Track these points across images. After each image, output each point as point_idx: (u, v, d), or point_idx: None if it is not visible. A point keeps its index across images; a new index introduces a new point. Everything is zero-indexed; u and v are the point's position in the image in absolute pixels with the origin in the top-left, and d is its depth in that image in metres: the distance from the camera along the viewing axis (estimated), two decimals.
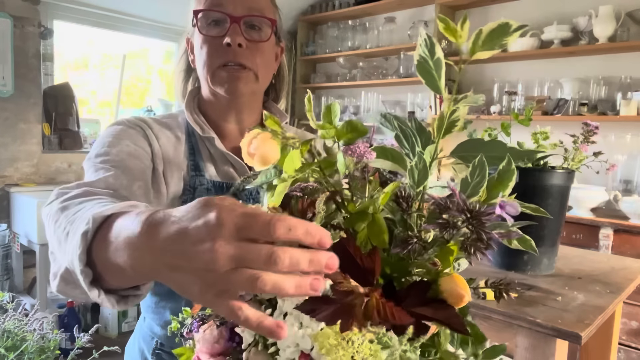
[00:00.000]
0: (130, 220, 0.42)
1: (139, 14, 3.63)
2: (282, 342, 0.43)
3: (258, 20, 0.82)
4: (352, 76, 3.97)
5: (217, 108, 0.88)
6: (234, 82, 0.81)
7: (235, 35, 0.79)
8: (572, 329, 0.93)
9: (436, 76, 0.46)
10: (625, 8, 2.66)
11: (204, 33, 0.81)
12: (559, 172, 1.28)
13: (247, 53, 0.80)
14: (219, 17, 0.80)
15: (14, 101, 2.89)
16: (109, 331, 2.89)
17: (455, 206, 0.42)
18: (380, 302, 0.41)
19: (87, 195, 0.61)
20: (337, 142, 0.49)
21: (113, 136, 0.77)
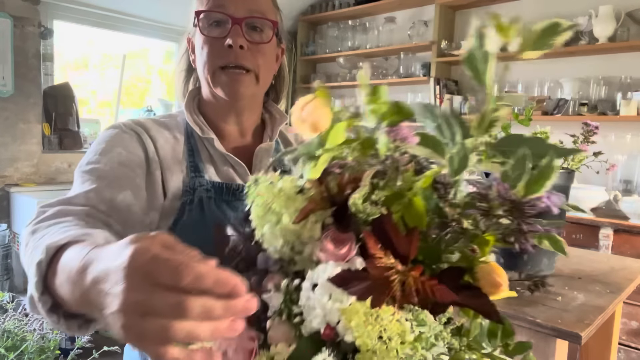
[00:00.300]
0: (75, 254, 0.43)
1: (139, 14, 3.63)
2: (309, 312, 0.43)
3: (259, 22, 0.82)
4: (352, 76, 3.97)
5: (217, 109, 0.87)
6: (235, 84, 0.81)
7: (237, 36, 0.79)
8: (572, 329, 0.93)
9: (483, 69, 0.45)
10: (625, 8, 2.66)
11: (205, 34, 0.81)
12: (559, 172, 1.28)
13: (248, 55, 0.80)
14: (221, 18, 0.80)
15: (14, 101, 2.89)
16: (109, 331, 2.88)
17: (496, 195, 0.42)
18: (419, 280, 0.40)
19: (60, 216, 0.61)
20: (380, 123, 0.48)
21: (106, 142, 0.77)
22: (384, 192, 0.44)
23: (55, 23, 3.24)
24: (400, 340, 0.38)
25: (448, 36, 3.46)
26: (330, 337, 0.41)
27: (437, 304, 0.40)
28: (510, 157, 0.44)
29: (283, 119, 0.93)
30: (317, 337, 0.42)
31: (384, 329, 0.38)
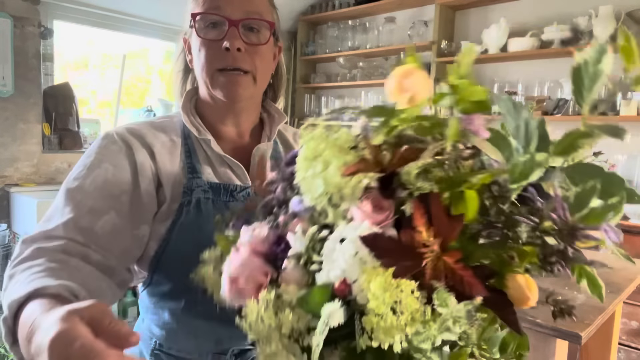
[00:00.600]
0: (28, 316, 0.49)
1: (139, 14, 3.63)
2: (329, 263, 0.42)
3: (256, 23, 0.81)
4: (352, 76, 3.97)
5: (214, 110, 0.87)
6: (233, 86, 0.81)
7: (234, 39, 0.78)
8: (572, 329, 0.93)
9: (589, 86, 0.43)
10: (625, 8, 2.66)
11: (201, 36, 0.80)
12: None
13: (246, 57, 0.80)
14: (217, 20, 0.79)
15: (14, 101, 2.89)
16: None
17: (551, 212, 0.41)
18: (453, 265, 0.39)
19: (34, 257, 0.63)
20: (454, 108, 0.46)
21: (95, 155, 0.77)
22: (440, 173, 0.43)
23: (55, 23, 3.24)
24: (411, 316, 0.37)
25: (448, 36, 3.46)
26: (343, 293, 0.40)
27: (462, 294, 0.39)
28: (578, 184, 0.41)
29: (282, 119, 0.93)
30: (329, 289, 0.41)
31: (399, 300, 0.37)
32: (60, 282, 0.56)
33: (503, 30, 3.07)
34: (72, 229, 0.68)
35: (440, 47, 3.38)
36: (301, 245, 0.45)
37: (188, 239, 0.78)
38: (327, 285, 0.42)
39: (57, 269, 0.61)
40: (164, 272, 0.81)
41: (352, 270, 0.40)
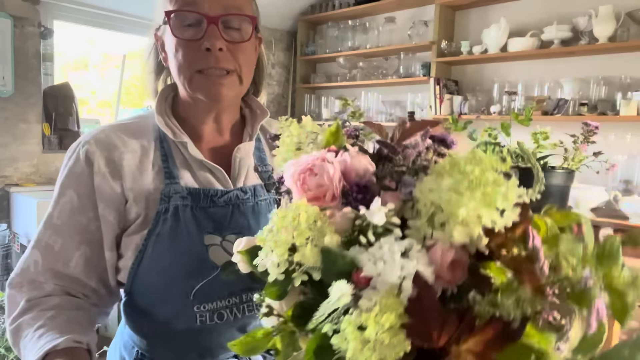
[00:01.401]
0: None
1: (139, 14, 3.63)
2: (373, 253, 0.39)
3: (237, 19, 0.75)
4: (352, 76, 3.97)
5: (194, 110, 0.81)
6: (216, 87, 0.75)
7: (214, 39, 0.72)
8: None
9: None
10: (625, 8, 2.66)
11: (178, 36, 0.73)
12: (559, 172, 1.28)
13: (228, 56, 0.74)
14: (194, 17, 0.73)
15: (14, 101, 2.89)
16: (109, 331, 2.89)
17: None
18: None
19: (31, 309, 0.72)
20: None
21: (60, 185, 0.77)
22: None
23: (55, 23, 3.24)
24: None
25: (448, 36, 3.46)
26: (359, 284, 0.38)
27: None
28: None
29: (264, 115, 0.87)
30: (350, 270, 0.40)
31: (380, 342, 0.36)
32: (65, 337, 0.66)
33: (503, 30, 3.06)
34: (50, 275, 0.75)
35: (440, 47, 3.37)
36: (376, 218, 0.41)
37: (164, 249, 0.74)
38: (350, 263, 0.40)
39: (54, 317, 0.70)
40: (142, 283, 0.76)
41: (379, 283, 0.38)
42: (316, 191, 0.45)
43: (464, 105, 3.25)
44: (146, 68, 0.87)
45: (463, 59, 3.27)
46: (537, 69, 3.11)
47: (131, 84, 3.97)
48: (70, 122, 3.17)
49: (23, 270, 0.75)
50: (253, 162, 0.84)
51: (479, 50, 3.18)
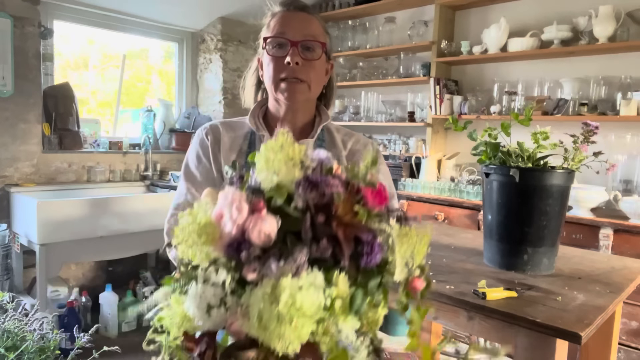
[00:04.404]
0: None
1: (139, 14, 3.63)
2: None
3: (312, 44, 1.06)
4: (352, 76, 3.97)
5: (278, 112, 1.14)
6: (292, 91, 1.06)
7: (294, 55, 1.03)
8: (572, 329, 0.93)
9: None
10: (625, 8, 2.66)
11: (270, 54, 1.07)
12: (559, 172, 1.28)
13: (302, 69, 1.05)
14: (282, 41, 1.05)
15: (14, 101, 2.90)
16: (109, 331, 2.89)
17: None
18: None
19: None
20: None
21: (193, 145, 1.17)
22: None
23: (55, 23, 3.24)
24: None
25: (448, 36, 3.46)
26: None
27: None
28: None
29: (325, 118, 1.17)
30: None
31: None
32: None
33: (503, 30, 3.07)
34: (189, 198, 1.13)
35: (440, 47, 3.38)
36: (214, 275, 0.50)
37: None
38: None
39: None
40: None
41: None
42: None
43: (464, 105, 3.25)
44: (249, 82, 1.22)
45: (463, 59, 3.27)
46: (537, 69, 3.11)
47: (131, 84, 3.97)
48: (70, 122, 3.17)
49: (180, 212, 0.92)
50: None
51: (479, 50, 3.18)
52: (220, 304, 0.49)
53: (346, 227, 0.50)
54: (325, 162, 0.55)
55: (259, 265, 0.48)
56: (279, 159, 0.52)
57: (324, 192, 0.51)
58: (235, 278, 0.49)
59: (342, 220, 0.50)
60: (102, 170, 3.31)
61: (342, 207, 0.51)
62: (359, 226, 0.51)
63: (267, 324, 0.45)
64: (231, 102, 4.03)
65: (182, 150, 3.80)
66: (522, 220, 1.31)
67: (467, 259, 1.47)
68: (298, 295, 0.45)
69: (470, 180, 3.12)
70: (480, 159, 1.39)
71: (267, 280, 0.47)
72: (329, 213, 0.50)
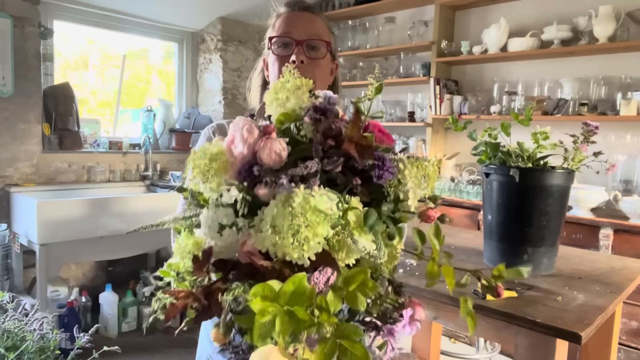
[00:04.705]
0: None
1: (139, 14, 3.63)
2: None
3: (316, 43, 1.07)
4: (352, 76, 3.97)
5: None
6: None
7: (299, 54, 1.04)
8: (572, 329, 0.93)
9: None
10: (625, 8, 2.66)
11: (275, 53, 1.08)
12: (559, 172, 1.28)
13: (307, 67, 1.04)
14: (287, 41, 1.06)
15: (14, 101, 2.89)
16: (109, 331, 2.89)
17: None
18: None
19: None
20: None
21: (199, 143, 1.12)
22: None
23: (55, 23, 3.24)
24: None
25: (448, 36, 3.46)
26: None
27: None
28: None
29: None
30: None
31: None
32: None
33: (503, 30, 3.07)
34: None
35: (440, 47, 3.38)
36: (225, 196, 0.50)
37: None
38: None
39: None
40: None
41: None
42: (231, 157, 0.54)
43: (464, 105, 3.25)
44: (255, 83, 1.22)
45: (463, 59, 3.27)
46: (537, 69, 3.11)
47: (131, 84, 3.97)
48: (70, 122, 3.17)
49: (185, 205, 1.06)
50: None
51: (479, 50, 3.18)
52: (232, 225, 0.48)
53: (357, 144, 0.49)
54: (332, 98, 0.55)
55: (271, 181, 0.48)
56: (289, 87, 0.53)
57: (332, 123, 0.50)
58: (247, 199, 0.48)
59: (352, 139, 0.50)
60: (102, 170, 3.31)
61: (351, 130, 0.50)
62: (370, 145, 0.50)
63: (281, 230, 0.44)
64: (231, 102, 4.03)
65: (182, 150, 3.80)
66: (522, 220, 1.30)
67: (467, 259, 1.47)
68: (311, 199, 0.44)
69: (470, 180, 3.12)
70: (480, 159, 1.39)
71: (280, 196, 0.46)
72: (338, 138, 0.50)
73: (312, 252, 0.43)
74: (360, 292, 0.46)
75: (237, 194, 0.49)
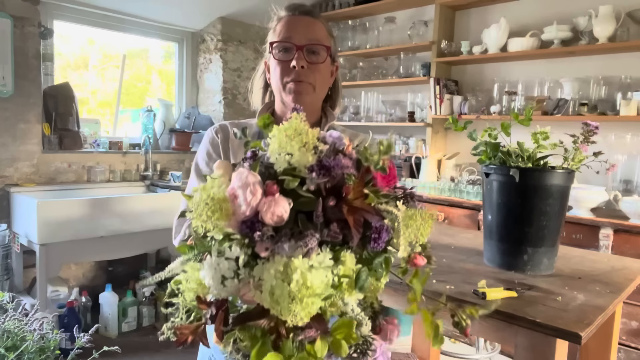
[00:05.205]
0: None
1: (139, 14, 3.63)
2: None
3: (316, 47, 1.10)
4: (352, 76, 3.97)
5: (284, 113, 1.16)
6: (298, 92, 1.10)
7: (299, 59, 1.07)
8: (572, 329, 0.93)
9: None
10: (625, 8, 2.66)
11: (277, 58, 1.11)
12: (559, 172, 1.28)
13: (307, 72, 1.09)
14: (288, 46, 1.09)
15: (14, 101, 2.89)
16: (109, 331, 2.89)
17: None
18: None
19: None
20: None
21: (204, 144, 1.19)
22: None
23: (55, 23, 3.24)
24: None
25: (448, 36, 3.46)
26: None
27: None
28: None
29: (331, 119, 1.21)
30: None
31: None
32: None
33: (503, 30, 3.07)
34: None
35: (440, 47, 3.38)
36: (229, 251, 0.53)
37: None
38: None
39: None
40: None
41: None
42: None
43: (464, 105, 3.25)
44: (257, 85, 1.25)
45: (463, 59, 3.27)
46: (537, 69, 3.11)
47: (131, 84, 3.97)
48: (70, 122, 3.17)
49: (185, 205, 1.09)
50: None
51: (479, 50, 3.18)
52: (234, 276, 0.51)
53: (356, 212, 0.52)
54: (337, 143, 0.57)
55: (272, 244, 0.51)
56: (293, 144, 0.54)
57: (336, 175, 0.53)
58: (248, 254, 0.52)
59: (352, 205, 0.53)
60: (102, 170, 3.31)
61: (353, 190, 0.53)
62: (368, 210, 0.53)
63: (278, 300, 0.48)
64: (231, 102, 4.03)
65: (182, 150, 3.80)
66: (522, 220, 1.30)
67: (467, 259, 1.47)
68: (308, 275, 0.47)
69: (470, 180, 3.12)
70: (480, 159, 1.39)
71: (279, 258, 0.49)
72: (339, 196, 0.53)
73: (306, 318, 0.48)
74: (345, 340, 0.52)
75: (239, 252, 0.52)
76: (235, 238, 0.52)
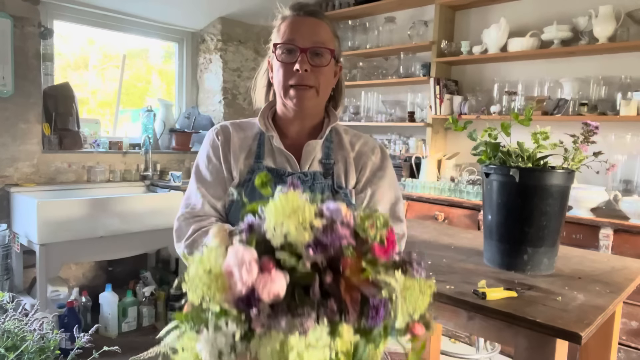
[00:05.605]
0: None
1: (139, 14, 3.63)
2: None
3: (320, 50, 1.08)
4: (352, 76, 3.97)
5: (286, 115, 1.16)
6: (300, 98, 1.08)
7: (303, 62, 1.05)
8: (572, 329, 0.93)
9: None
10: (625, 8, 2.66)
11: (280, 60, 1.09)
12: (559, 172, 1.28)
13: (311, 75, 1.07)
14: (292, 48, 1.07)
15: (14, 101, 2.90)
16: (109, 331, 2.89)
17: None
18: None
19: (199, 231, 1.09)
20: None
21: (204, 148, 1.19)
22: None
23: (55, 23, 3.24)
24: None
25: (448, 36, 3.46)
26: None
27: None
28: None
29: (334, 120, 1.19)
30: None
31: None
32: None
33: (503, 30, 3.07)
34: (208, 211, 1.14)
35: (440, 47, 3.38)
36: (227, 326, 0.52)
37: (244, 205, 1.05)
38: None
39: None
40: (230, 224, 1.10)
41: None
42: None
43: (464, 105, 3.25)
44: (259, 83, 1.24)
45: (463, 59, 3.27)
46: (537, 69, 3.11)
47: (131, 84, 3.97)
48: (70, 122, 3.17)
49: (189, 211, 1.14)
50: (320, 154, 1.16)
51: (479, 50, 3.18)
52: (231, 351, 0.51)
53: (353, 290, 0.52)
54: (335, 216, 0.56)
55: (268, 321, 0.50)
56: (289, 224, 0.53)
57: (333, 250, 0.53)
58: (244, 329, 0.51)
59: (349, 282, 0.52)
60: (102, 170, 3.31)
61: (350, 266, 0.52)
62: (366, 285, 0.53)
63: None
64: (231, 102, 4.03)
65: (182, 150, 3.80)
66: (522, 220, 1.31)
67: (467, 259, 1.47)
68: (305, 355, 0.47)
69: (470, 180, 3.12)
70: (480, 159, 1.39)
71: (276, 334, 0.49)
72: (337, 270, 0.52)
73: None
74: None
75: (235, 329, 0.51)
76: (232, 314, 0.52)
